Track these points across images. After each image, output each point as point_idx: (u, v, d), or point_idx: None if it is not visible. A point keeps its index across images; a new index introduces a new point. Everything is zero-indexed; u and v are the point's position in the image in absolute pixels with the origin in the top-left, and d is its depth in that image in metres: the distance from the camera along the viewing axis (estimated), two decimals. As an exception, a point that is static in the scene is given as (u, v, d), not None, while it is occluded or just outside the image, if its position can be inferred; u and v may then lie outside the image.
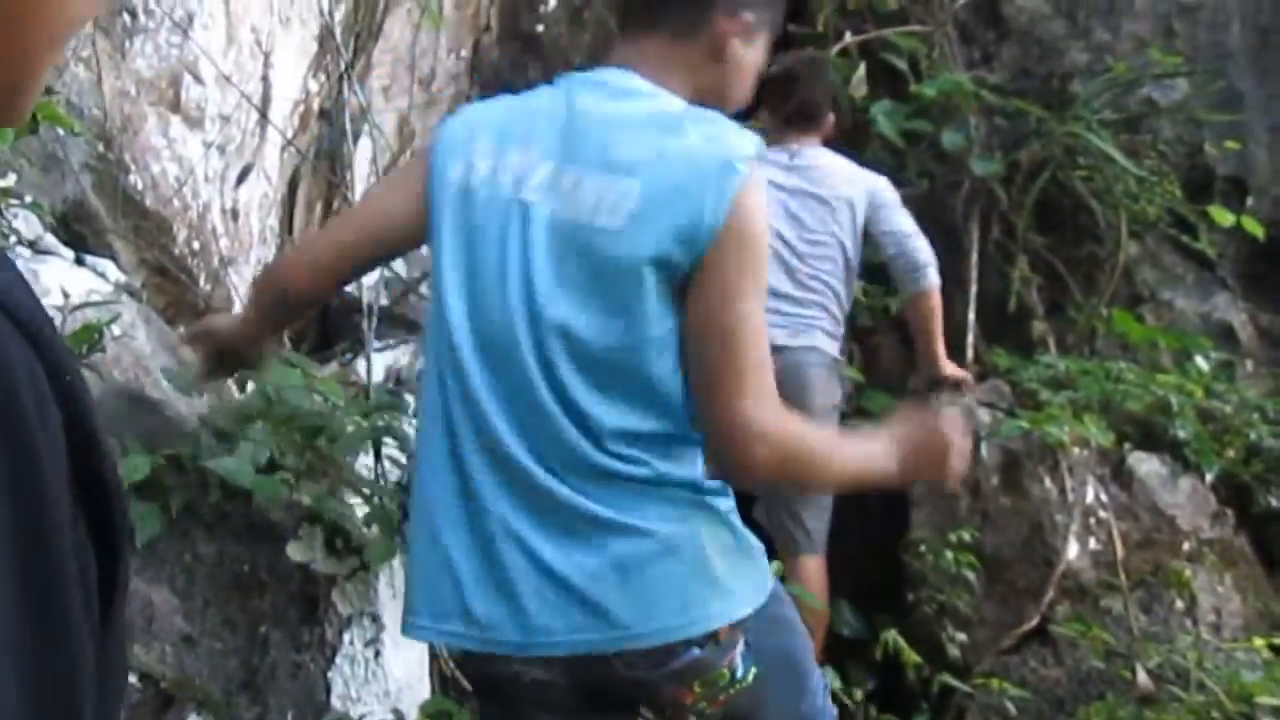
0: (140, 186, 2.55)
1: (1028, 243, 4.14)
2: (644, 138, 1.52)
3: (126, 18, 2.57)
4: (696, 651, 1.53)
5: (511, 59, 5.70)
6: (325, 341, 4.41)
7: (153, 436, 1.98)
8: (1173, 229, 4.16)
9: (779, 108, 3.31)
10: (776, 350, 1.72)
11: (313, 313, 4.16)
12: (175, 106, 2.77)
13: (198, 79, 2.86)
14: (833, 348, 3.23)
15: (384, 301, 4.28)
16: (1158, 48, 4.36)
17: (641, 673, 1.54)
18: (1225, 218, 3.82)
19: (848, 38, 4.32)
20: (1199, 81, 4.25)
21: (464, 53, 5.44)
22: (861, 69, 4.20)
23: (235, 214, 3.28)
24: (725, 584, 1.55)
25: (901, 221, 3.30)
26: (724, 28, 1.59)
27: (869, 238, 3.31)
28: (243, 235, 3.33)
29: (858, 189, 3.28)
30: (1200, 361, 3.94)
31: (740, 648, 1.60)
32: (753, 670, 1.63)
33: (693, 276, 1.47)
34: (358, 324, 4.02)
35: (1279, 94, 4.58)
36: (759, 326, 1.50)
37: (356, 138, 4.52)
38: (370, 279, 4.19)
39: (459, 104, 5.48)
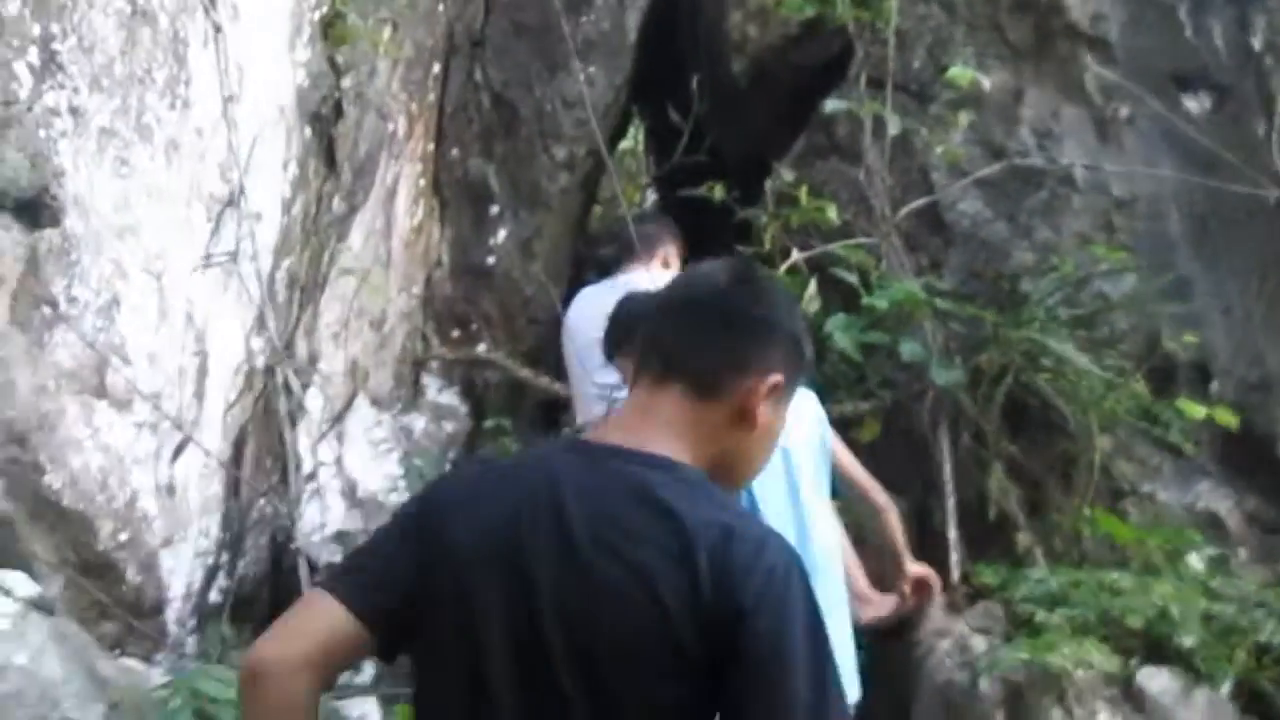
0: (57, 486, 2.39)
1: (1000, 448, 4.03)
2: None
3: (46, 310, 2.47)
4: None
5: (465, 292, 5.70)
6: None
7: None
8: (1143, 422, 4.07)
9: None
10: None
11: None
12: (100, 392, 2.65)
13: (126, 360, 2.75)
14: None
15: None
16: (1101, 243, 4.40)
17: None
18: (1196, 411, 3.75)
19: (795, 255, 4.33)
20: (1147, 273, 4.26)
21: (415, 289, 5.43)
22: (812, 285, 4.18)
23: (172, 490, 3.11)
24: None
25: None
26: None
27: None
28: (180, 511, 3.15)
29: None
30: (1193, 559, 3.77)
31: None
32: None
33: None
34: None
35: (1226, 278, 4.61)
36: None
37: (305, 389, 4.43)
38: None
39: (411, 341, 5.44)
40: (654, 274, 3.86)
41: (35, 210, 2.39)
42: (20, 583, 2.16)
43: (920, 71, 4.88)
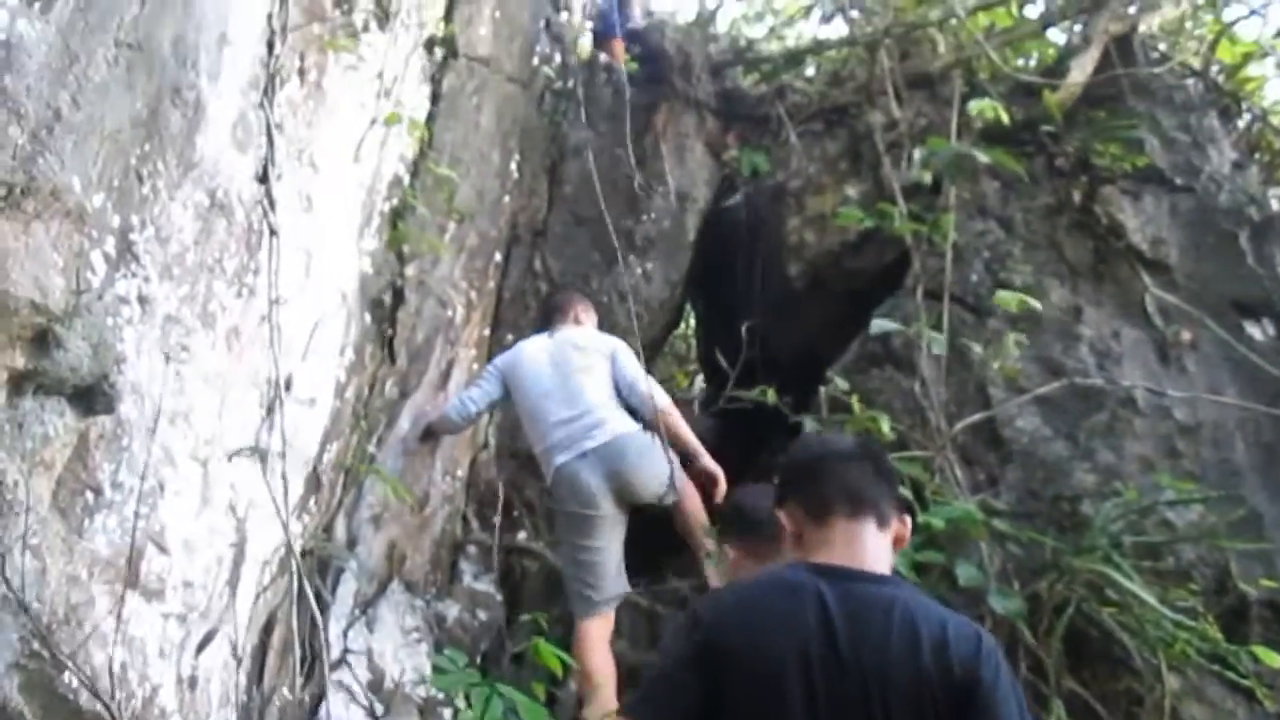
0: (75, 684, 2.30)
1: (1061, 682, 3.79)
2: None
3: (89, 496, 2.44)
4: None
5: (509, 476, 5.64)
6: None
7: None
8: (1215, 665, 3.83)
9: None
10: None
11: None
12: (132, 582, 2.58)
13: (162, 549, 2.70)
14: None
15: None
16: (1164, 469, 4.27)
17: None
18: (1275, 660, 3.52)
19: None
20: (1215, 503, 4.10)
21: (460, 471, 5.38)
22: (864, 497, 4.06)
23: (194, 682, 2.99)
24: None
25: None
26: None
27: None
28: (199, 704, 3.03)
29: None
30: (1276, 823, 3.47)
31: None
32: None
33: None
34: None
35: (1297, 510, 4.43)
36: None
37: (339, 575, 4.34)
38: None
39: (451, 524, 5.35)
40: (577, 328, 4.93)
41: (91, 397, 2.39)
42: (23, 791, 2.05)
43: (977, 285, 4.89)
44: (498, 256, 5.62)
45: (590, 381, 4.56)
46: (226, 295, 2.99)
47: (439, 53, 4.65)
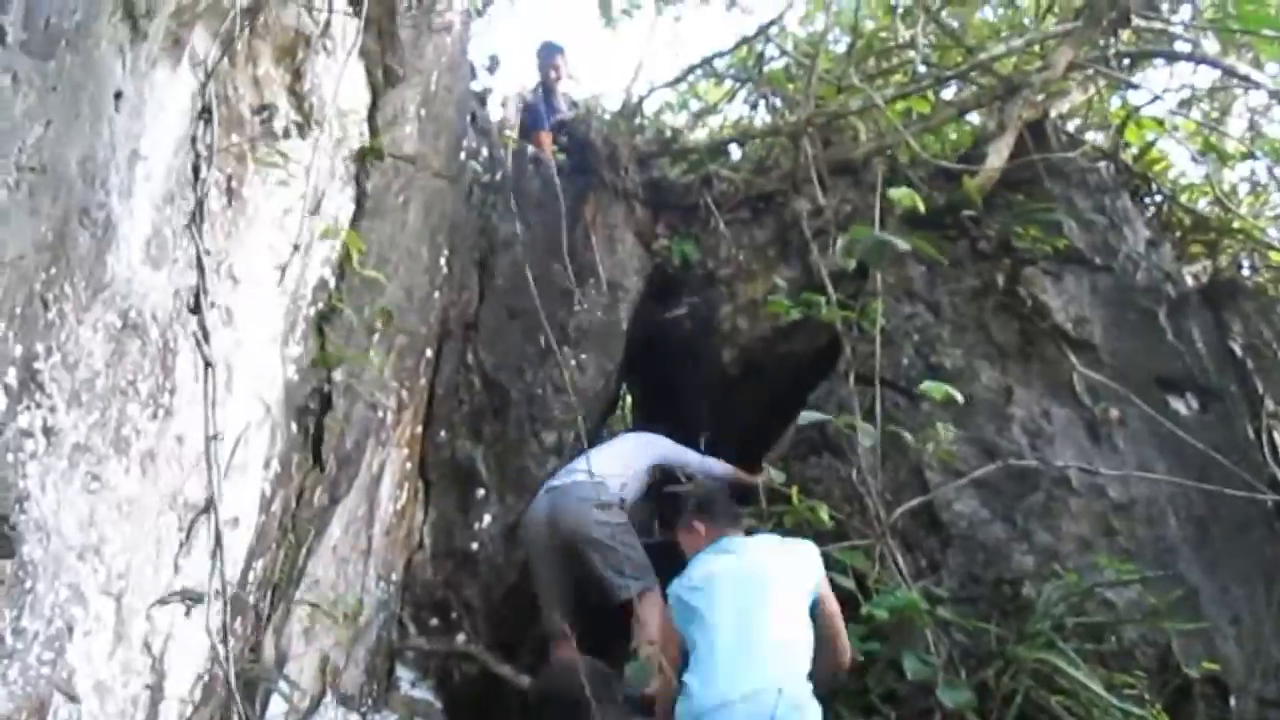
0: None
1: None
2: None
3: (-11, 645, 2.29)
4: None
5: (446, 577, 5.49)
6: None
7: None
8: (1165, 750, 3.81)
9: None
10: None
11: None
12: (38, 735, 2.42)
13: (71, 697, 2.54)
14: None
15: None
16: (1102, 548, 4.28)
17: None
18: (1223, 746, 3.51)
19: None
20: (1153, 584, 4.12)
21: (394, 575, 5.22)
22: (807, 591, 4.01)
23: (108, 831, 2.80)
24: None
25: None
26: None
27: None
28: None
29: None
30: None
31: None
32: None
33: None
34: None
35: (1230, 584, 4.47)
36: None
37: (267, 697, 4.15)
38: None
39: (387, 630, 5.18)
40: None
41: (-9, 541, 2.26)
42: None
43: (908, 369, 4.92)
44: (429, 353, 5.54)
45: None
46: (140, 418, 2.87)
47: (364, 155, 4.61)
